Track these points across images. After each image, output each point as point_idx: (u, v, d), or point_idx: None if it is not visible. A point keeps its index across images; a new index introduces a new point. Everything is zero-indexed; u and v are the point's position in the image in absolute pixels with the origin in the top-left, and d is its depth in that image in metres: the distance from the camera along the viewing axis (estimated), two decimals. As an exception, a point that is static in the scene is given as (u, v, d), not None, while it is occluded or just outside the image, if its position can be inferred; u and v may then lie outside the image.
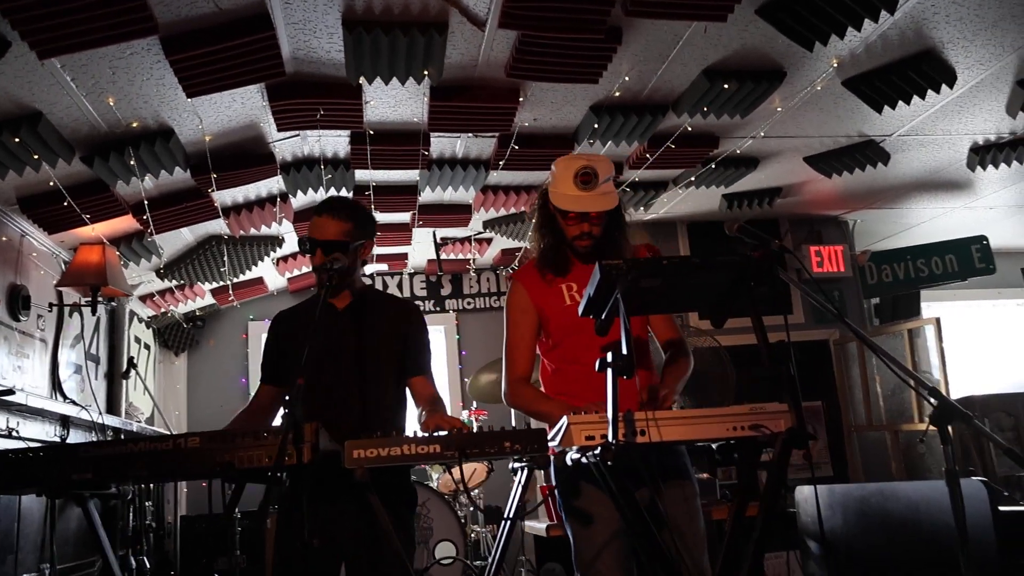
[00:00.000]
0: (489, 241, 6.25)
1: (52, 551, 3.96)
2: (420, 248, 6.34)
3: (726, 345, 6.11)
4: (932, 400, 2.34)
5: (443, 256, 6.33)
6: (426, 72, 3.40)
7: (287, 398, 2.24)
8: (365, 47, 3.20)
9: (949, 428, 2.29)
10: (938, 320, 5.36)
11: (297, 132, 3.99)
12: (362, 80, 3.46)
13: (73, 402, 4.54)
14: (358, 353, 2.81)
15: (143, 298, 5.81)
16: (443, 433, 2.39)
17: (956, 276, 6.66)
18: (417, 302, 7.14)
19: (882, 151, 4.82)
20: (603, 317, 2.49)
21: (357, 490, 2.35)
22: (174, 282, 5.60)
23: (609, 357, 2.30)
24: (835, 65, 3.68)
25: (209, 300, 6.40)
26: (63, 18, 2.59)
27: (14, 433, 3.76)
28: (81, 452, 2.45)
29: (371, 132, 4.01)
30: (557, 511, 4.37)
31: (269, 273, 6.32)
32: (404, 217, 5.47)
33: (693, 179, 5.01)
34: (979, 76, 3.93)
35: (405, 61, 3.31)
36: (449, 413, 2.82)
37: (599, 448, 2.24)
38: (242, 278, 5.95)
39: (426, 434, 2.36)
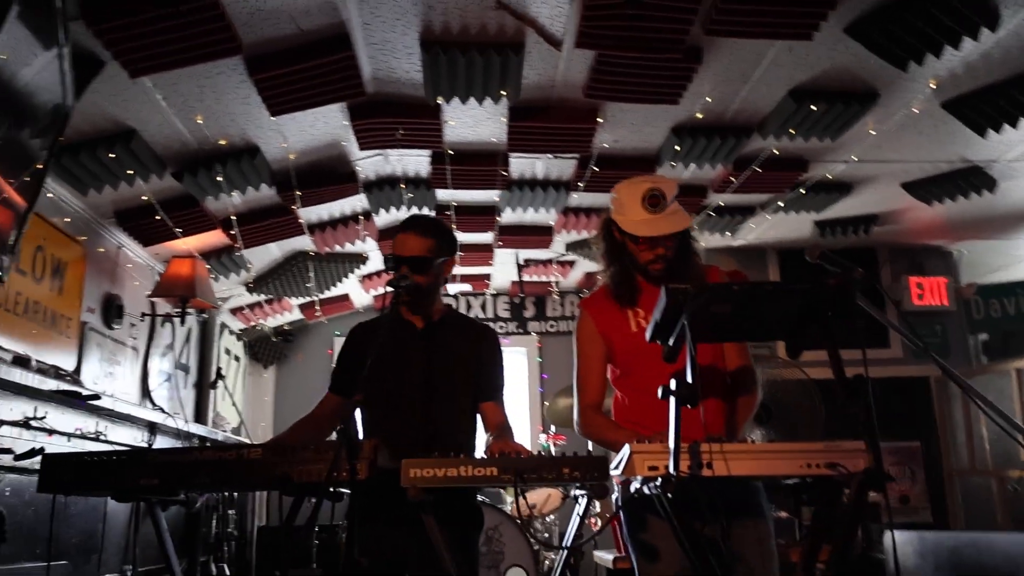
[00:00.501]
0: (572, 263, 6.20)
1: (134, 553, 4.08)
2: (503, 269, 6.35)
3: (817, 378, 5.86)
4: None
5: (526, 278, 6.31)
6: (503, 92, 3.41)
7: (343, 415, 2.24)
8: (442, 67, 3.23)
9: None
10: (1049, 359, 5.00)
11: (379, 151, 4.06)
12: (440, 100, 3.48)
13: (161, 409, 4.71)
14: (427, 373, 2.80)
15: (234, 311, 6.01)
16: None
17: (1073, 313, 6.22)
18: (500, 324, 7.16)
19: (988, 178, 4.55)
20: (671, 343, 2.41)
21: (415, 510, 2.33)
22: (263, 296, 5.77)
23: (672, 385, 2.22)
24: (933, 86, 3.49)
25: (297, 315, 6.57)
26: (153, 38, 2.71)
27: (101, 437, 3.91)
28: (149, 458, 2.51)
29: (451, 152, 4.04)
30: (624, 542, 4.26)
31: (355, 290, 6.44)
32: (486, 237, 5.48)
33: (782, 204, 4.84)
34: (1096, 98, 3.66)
35: (482, 81, 3.32)
36: (528, 437, 2.77)
37: (660, 480, 2.16)
38: (328, 294, 6.08)
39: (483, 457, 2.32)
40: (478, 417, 2.85)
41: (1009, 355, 6.30)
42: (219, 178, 3.76)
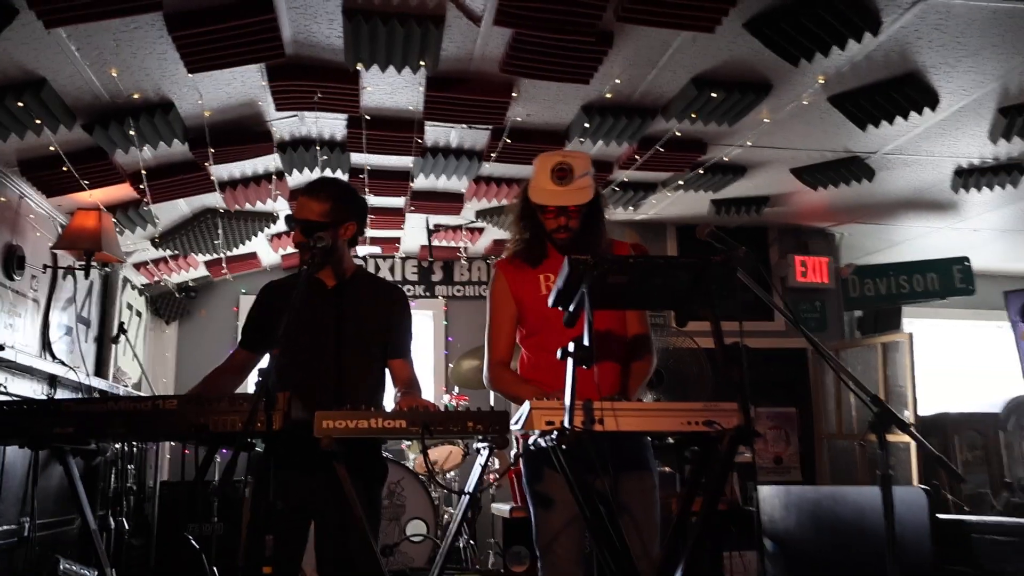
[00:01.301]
0: (481, 231, 6.36)
1: (33, 505, 4.06)
2: (413, 234, 6.45)
3: (706, 347, 6.23)
4: (873, 407, 2.46)
5: (435, 243, 6.44)
6: (422, 63, 3.51)
7: (260, 367, 2.35)
8: (363, 34, 3.30)
9: (887, 435, 2.42)
10: (911, 336, 5.48)
11: (295, 112, 4.09)
12: (360, 66, 3.56)
13: (62, 362, 4.66)
14: (338, 330, 2.91)
15: (137, 266, 5.91)
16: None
17: (936, 295, 6.79)
18: (407, 287, 7.27)
19: (867, 167, 4.93)
20: (571, 309, 2.61)
21: (326, 459, 2.47)
22: (168, 252, 5.70)
23: (570, 347, 2.42)
24: (821, 81, 3.78)
25: (203, 272, 6.50)
26: (72, -11, 2.69)
27: (2, 388, 3.87)
28: (64, 407, 2.56)
29: (367, 117, 4.11)
30: (522, 493, 4.50)
31: (263, 248, 6.43)
32: (398, 202, 5.58)
33: (682, 183, 5.12)
34: (962, 101, 4.04)
35: (402, 50, 3.41)
36: (432, 397, 2.92)
37: (555, 434, 2.36)
38: (236, 252, 6.05)
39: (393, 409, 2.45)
40: (386, 373, 3.00)
41: (879, 331, 6.85)
42: (131, 132, 3.73)
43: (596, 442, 2.54)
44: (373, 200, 5.47)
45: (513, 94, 3.88)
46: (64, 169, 3.95)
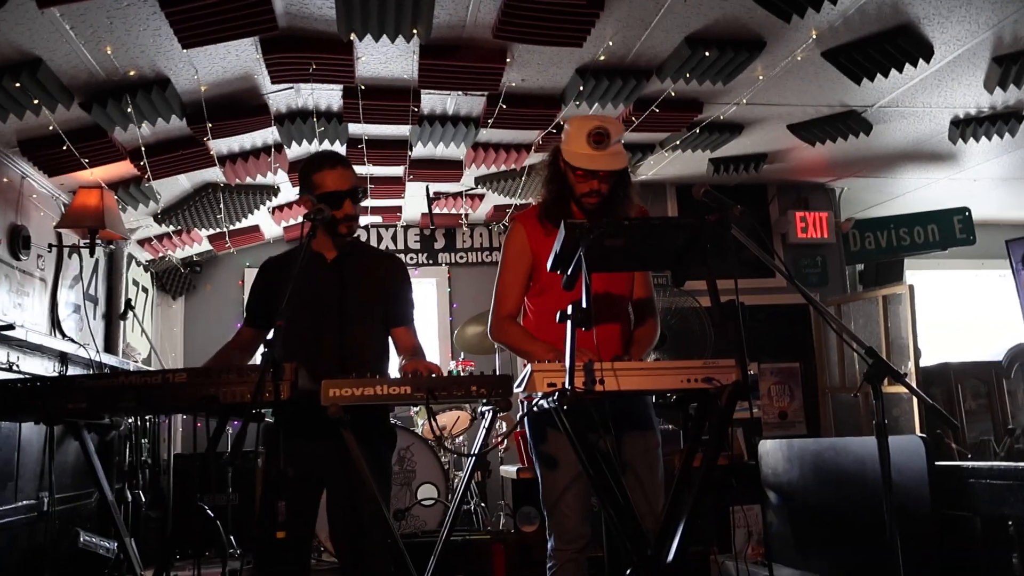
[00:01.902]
0: (481, 197, 6.38)
1: (51, 480, 4.15)
2: (413, 202, 6.47)
3: (707, 305, 6.27)
4: (868, 359, 2.51)
5: (436, 211, 6.46)
6: (415, 31, 3.51)
7: (267, 339, 2.40)
8: (355, 4, 3.30)
9: (881, 386, 2.48)
10: (911, 287, 5.51)
11: (291, 85, 4.11)
12: (353, 36, 3.56)
13: (72, 340, 4.73)
14: (340, 301, 2.96)
15: (141, 242, 5.96)
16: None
17: (937, 246, 6.81)
18: (410, 255, 7.31)
19: (864, 121, 4.93)
20: (569, 273, 2.66)
21: (335, 427, 2.53)
22: (171, 227, 5.75)
23: (569, 310, 2.47)
24: (814, 36, 3.77)
25: (206, 246, 6.55)
26: (62, -31, 2.71)
27: (14, 367, 3.94)
28: (76, 383, 2.62)
29: (363, 87, 4.12)
30: (528, 455, 4.59)
31: (265, 222, 6.46)
32: (397, 171, 5.59)
33: (679, 143, 5.13)
34: (956, 51, 4.03)
35: (394, 19, 3.42)
36: (439, 363, 2.98)
37: (556, 395, 2.42)
38: (238, 226, 6.09)
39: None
40: (390, 342, 3.06)
41: (880, 283, 6.88)
42: (128, 109, 3.76)
43: (598, 402, 2.61)
44: (372, 170, 5.50)
45: (507, 60, 3.88)
46: (64, 148, 3.98)
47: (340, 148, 5.01)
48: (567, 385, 2.42)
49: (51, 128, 3.83)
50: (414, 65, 3.91)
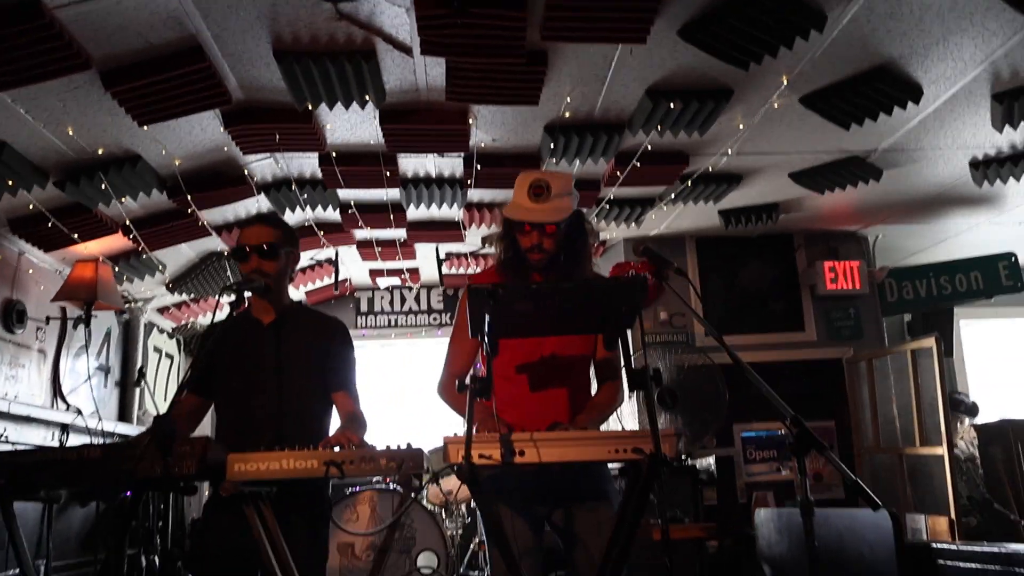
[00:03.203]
0: (490, 256, 6.32)
1: (19, 549, 4.18)
2: (427, 263, 6.47)
3: (722, 363, 6.00)
4: (793, 428, 2.32)
5: (449, 271, 6.44)
6: (367, 97, 3.51)
7: (157, 415, 2.37)
8: (300, 76, 3.33)
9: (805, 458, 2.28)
10: (937, 340, 5.14)
11: (268, 154, 4.16)
12: (310, 105, 3.59)
13: (77, 410, 4.83)
14: (277, 367, 2.92)
15: (161, 310, 6.11)
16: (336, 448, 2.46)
17: (982, 294, 6.37)
18: (434, 315, 7.30)
19: (870, 167, 4.68)
20: (483, 338, 2.54)
21: (242, 502, 2.46)
22: (185, 296, 5.87)
23: (467, 380, 2.35)
24: (785, 82, 3.61)
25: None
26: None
27: (3, 438, 4.03)
28: (3, 459, 2.63)
29: (334, 154, 4.14)
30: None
31: (283, 286, 6.54)
32: (399, 233, 5.59)
33: (674, 196, 4.97)
34: (949, 91, 3.80)
35: (341, 88, 3.43)
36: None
37: (456, 468, 2.29)
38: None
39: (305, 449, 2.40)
40: (333, 408, 2.99)
41: (928, 333, 6.46)
42: (103, 186, 3.86)
43: (539, 474, 2.46)
44: (371, 233, 5.52)
45: (469, 120, 3.84)
46: (51, 225, 4.11)
47: (332, 214, 5.05)
48: (463, 459, 2.29)
49: (31, 207, 3.96)
50: (378, 130, 3.91)
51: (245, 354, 2.90)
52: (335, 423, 3.03)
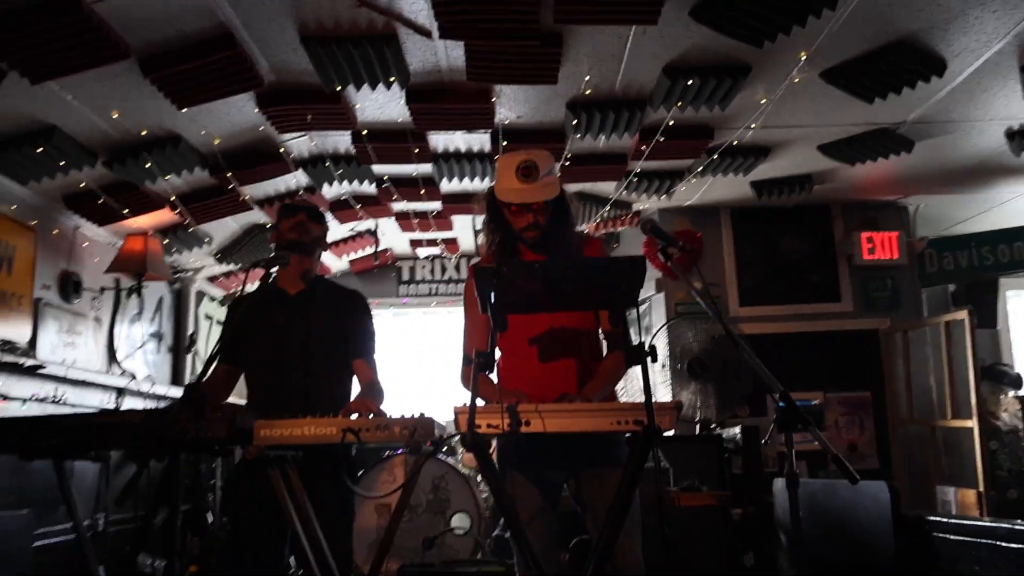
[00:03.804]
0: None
1: (71, 503, 4.50)
2: (465, 234, 6.63)
3: (755, 333, 6.06)
4: (781, 403, 2.41)
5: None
6: (391, 79, 3.64)
7: (188, 382, 2.57)
8: (326, 59, 3.47)
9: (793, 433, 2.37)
10: (970, 312, 5.10)
11: (303, 132, 4.33)
12: (339, 87, 3.73)
13: (132, 375, 5.14)
14: (302, 336, 3.11)
15: (212, 279, 6.39)
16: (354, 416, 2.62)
17: (1024, 264, 6.26)
18: (473, 284, 7.46)
19: (901, 138, 4.64)
20: (494, 315, 2.67)
21: (268, 465, 2.67)
22: (233, 265, 6.13)
23: (473, 353, 2.50)
24: (803, 58, 3.62)
25: (275, 281, 6.92)
26: (41, 48, 3.00)
27: (63, 401, 4.34)
28: (51, 423, 2.88)
29: (365, 132, 4.29)
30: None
31: (326, 257, 6.77)
32: (435, 205, 5.74)
33: (702, 169, 5.00)
34: (973, 64, 3.76)
35: (366, 70, 3.56)
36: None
37: (459, 437, 2.45)
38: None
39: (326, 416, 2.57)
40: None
41: (971, 304, 6.36)
42: (147, 165, 4.08)
43: (544, 441, 2.59)
44: (408, 205, 5.68)
45: (492, 99, 3.95)
46: (102, 202, 4.37)
47: (368, 187, 5.22)
48: (466, 429, 2.44)
49: (82, 185, 4.21)
50: (405, 109, 4.04)
51: (272, 324, 3.09)
52: (356, 390, 3.22)
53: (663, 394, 6.09)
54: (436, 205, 5.74)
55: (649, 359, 2.49)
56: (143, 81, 3.45)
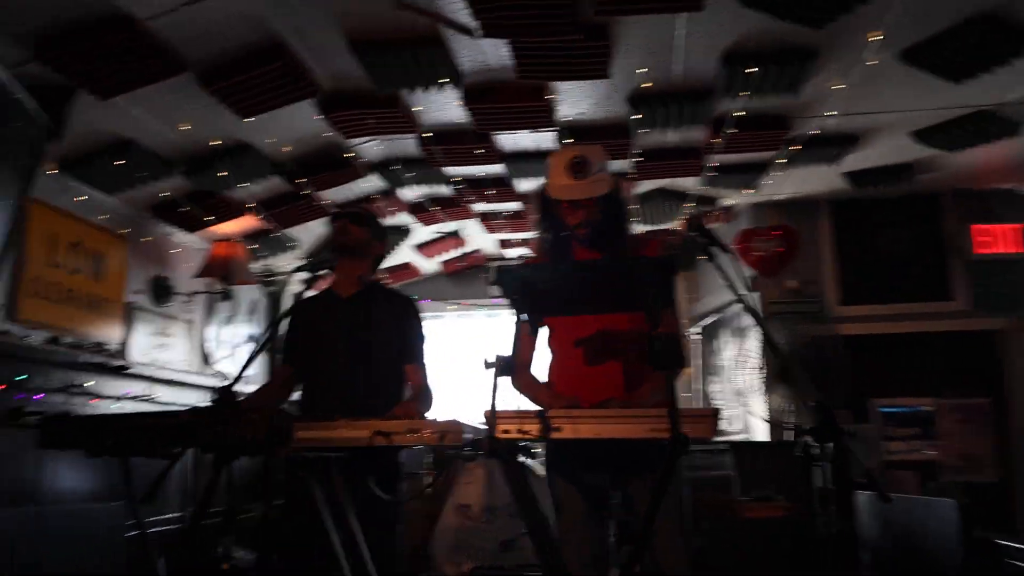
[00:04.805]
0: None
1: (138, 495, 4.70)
2: (551, 233, 6.55)
3: (856, 334, 5.72)
4: (816, 413, 2.25)
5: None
6: (443, 80, 3.64)
7: (222, 385, 2.64)
8: (376, 63, 3.50)
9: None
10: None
11: (371, 137, 4.40)
12: (393, 91, 3.76)
13: (218, 375, 5.38)
14: (353, 339, 3.15)
15: (307, 282, 6.58)
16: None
17: None
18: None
19: (1005, 121, 4.24)
20: (521, 317, 2.61)
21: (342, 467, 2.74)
22: (323, 271, 6.28)
23: (493, 358, 2.45)
24: (873, 40, 3.36)
25: (369, 283, 7.08)
26: (102, 65, 3.17)
27: (153, 400, 4.58)
28: (113, 422, 3.03)
29: (429, 135, 4.30)
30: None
31: (415, 259, 6.88)
32: (514, 205, 5.71)
33: (783, 160, 4.74)
34: (1077, 34, 3.38)
35: (417, 73, 3.57)
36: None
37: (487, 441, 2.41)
38: (384, 265, 6.53)
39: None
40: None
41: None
42: (222, 174, 4.25)
43: (589, 446, 2.52)
44: (487, 207, 5.67)
45: (548, 96, 3.87)
46: (184, 210, 4.58)
47: (446, 190, 5.25)
48: (488, 434, 2.40)
49: (165, 195, 4.43)
50: (463, 110, 4.02)
51: (324, 328, 3.15)
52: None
53: (757, 398, 5.83)
54: (516, 205, 5.71)
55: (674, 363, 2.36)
56: (203, 93, 3.58)
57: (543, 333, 2.91)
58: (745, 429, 6.07)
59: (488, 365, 2.46)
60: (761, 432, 5.75)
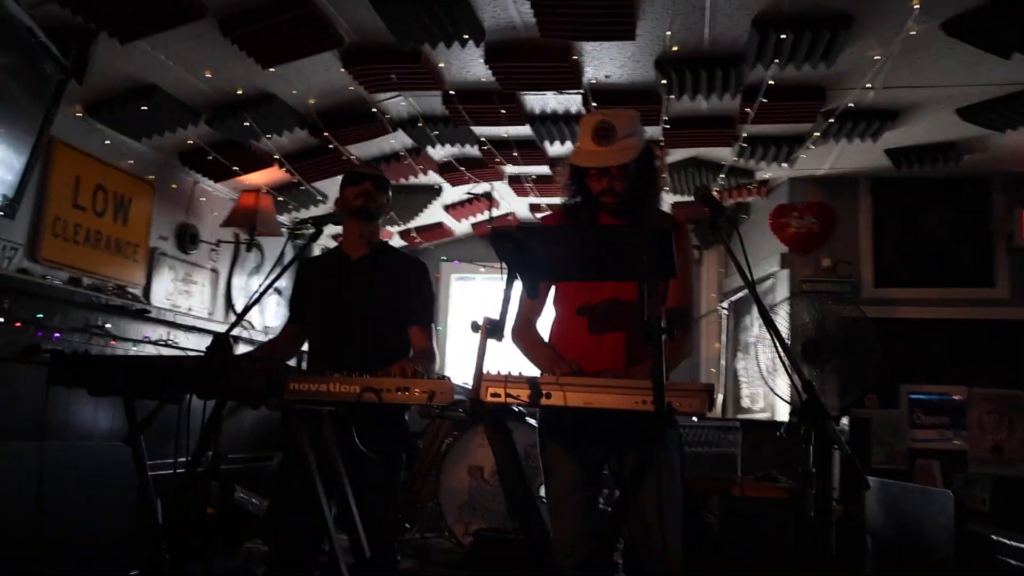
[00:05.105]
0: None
1: (175, 441, 4.77)
2: (582, 199, 6.46)
3: (889, 317, 5.55)
4: (803, 394, 2.18)
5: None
6: (465, 36, 3.56)
7: (216, 333, 2.66)
8: (397, 16, 3.44)
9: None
10: None
11: (397, 93, 4.35)
12: (415, 46, 3.70)
13: (240, 321, 5.44)
14: (361, 299, 3.15)
15: (335, 237, 6.62)
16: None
17: None
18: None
19: (1059, 101, 4.03)
20: (510, 278, 2.56)
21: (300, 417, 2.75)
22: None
23: (481, 320, 2.41)
24: (917, 6, 3.19)
25: (399, 242, 7.09)
26: (123, 8, 3.16)
27: (170, 343, 4.66)
28: (119, 362, 3.07)
29: (452, 92, 4.24)
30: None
31: (446, 219, 6.84)
32: (542, 169, 5.63)
33: (818, 134, 4.58)
34: None
35: (437, 27, 3.50)
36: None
37: (463, 407, 2.39)
38: (415, 224, 6.52)
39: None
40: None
41: None
42: (247, 123, 4.25)
43: (580, 416, 2.48)
44: (518, 169, 5.59)
45: (573, 57, 3.78)
46: (211, 159, 4.60)
47: (472, 150, 5.18)
48: (472, 398, 2.38)
49: (192, 143, 4.45)
50: (486, 68, 3.95)
51: (333, 288, 3.14)
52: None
53: (781, 378, 5.71)
54: (545, 169, 5.63)
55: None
56: (225, 40, 3.56)
57: (551, 294, 2.86)
58: (767, 408, 5.97)
59: (475, 328, 2.43)
60: (784, 412, 5.65)
